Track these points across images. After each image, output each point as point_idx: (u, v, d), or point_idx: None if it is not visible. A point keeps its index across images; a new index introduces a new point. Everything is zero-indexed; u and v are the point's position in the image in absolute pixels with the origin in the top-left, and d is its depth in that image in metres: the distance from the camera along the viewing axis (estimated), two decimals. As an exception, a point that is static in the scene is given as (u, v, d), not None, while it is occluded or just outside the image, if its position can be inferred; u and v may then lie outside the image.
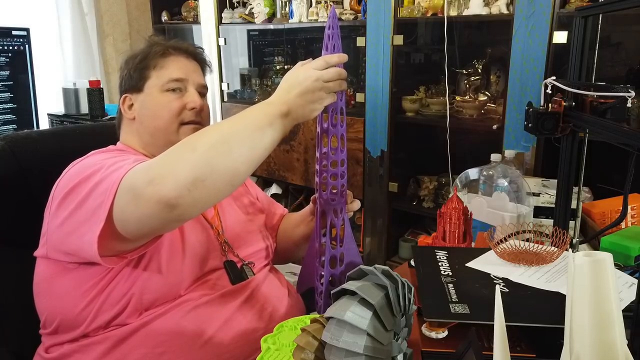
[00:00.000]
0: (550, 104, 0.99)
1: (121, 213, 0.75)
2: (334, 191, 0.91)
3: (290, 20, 2.55)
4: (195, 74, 1.06)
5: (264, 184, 2.90)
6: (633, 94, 0.86)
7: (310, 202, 1.11)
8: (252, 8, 2.70)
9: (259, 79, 2.88)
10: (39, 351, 0.96)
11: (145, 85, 1.02)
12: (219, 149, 0.73)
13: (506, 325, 0.55)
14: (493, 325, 0.55)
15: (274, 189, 2.86)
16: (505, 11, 1.91)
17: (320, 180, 0.91)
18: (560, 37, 1.70)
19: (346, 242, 0.94)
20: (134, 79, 1.03)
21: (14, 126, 2.18)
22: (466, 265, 0.97)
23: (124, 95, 1.06)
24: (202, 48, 1.13)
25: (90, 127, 1.41)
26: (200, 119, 1.04)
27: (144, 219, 0.74)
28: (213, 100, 2.88)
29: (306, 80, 0.81)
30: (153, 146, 1.02)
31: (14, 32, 2.14)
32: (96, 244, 0.76)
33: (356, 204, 1.05)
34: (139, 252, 0.85)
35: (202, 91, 1.07)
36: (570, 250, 0.92)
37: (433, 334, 0.81)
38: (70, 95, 2.47)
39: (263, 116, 0.78)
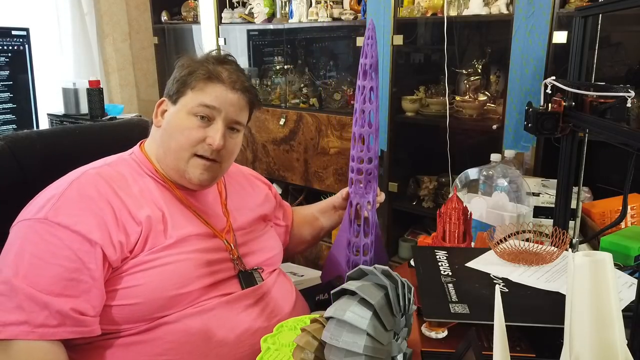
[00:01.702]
0: (550, 104, 0.99)
1: None
2: (361, 185, 1.06)
3: (290, 20, 2.55)
4: (233, 108, 0.97)
5: (264, 184, 2.90)
6: (632, 93, 0.86)
7: (338, 196, 1.21)
8: (252, 8, 2.70)
9: (258, 79, 2.88)
10: None
11: (179, 100, 0.97)
12: None
13: (506, 325, 0.55)
14: (493, 325, 0.55)
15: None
16: (505, 11, 1.91)
17: (356, 175, 1.06)
18: (560, 37, 1.70)
19: (375, 230, 1.09)
20: (174, 89, 0.98)
21: (14, 126, 2.18)
22: (466, 265, 0.97)
23: (162, 99, 1.01)
24: (253, 85, 1.04)
25: (89, 127, 1.40)
26: (217, 157, 0.96)
27: None
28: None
29: None
30: (164, 163, 0.98)
31: (13, 32, 2.13)
32: None
33: (382, 196, 1.16)
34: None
35: (234, 126, 0.99)
36: (570, 250, 0.92)
37: (433, 334, 0.81)
38: (70, 95, 2.47)
39: None
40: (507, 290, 0.86)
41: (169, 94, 0.99)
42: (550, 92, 0.99)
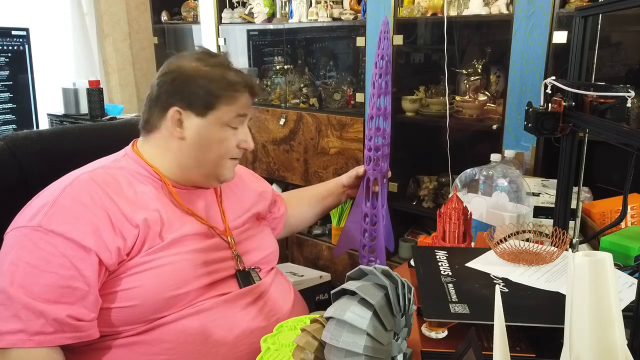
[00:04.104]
0: (550, 104, 0.99)
1: None
2: (373, 162, 1.22)
3: (290, 20, 2.55)
4: (251, 108, 1.04)
5: (264, 184, 2.90)
6: (633, 93, 0.86)
7: (350, 175, 1.30)
8: (252, 8, 2.70)
9: (258, 79, 2.88)
10: None
11: (210, 113, 0.96)
12: None
13: (506, 325, 0.55)
14: (493, 325, 0.55)
15: (274, 188, 2.86)
16: (505, 11, 1.91)
17: (373, 154, 1.22)
18: (560, 37, 1.70)
19: (385, 202, 1.26)
20: (200, 99, 0.95)
21: (14, 126, 2.18)
22: (466, 265, 0.97)
23: (175, 108, 0.95)
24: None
25: (89, 127, 1.40)
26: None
27: None
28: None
29: None
30: (190, 170, 0.99)
31: (13, 32, 2.13)
32: None
33: (389, 173, 1.28)
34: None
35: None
36: (570, 250, 0.92)
37: (433, 334, 0.81)
38: (70, 95, 2.47)
39: None
40: (507, 290, 0.86)
41: (189, 103, 0.95)
42: (550, 92, 0.99)
